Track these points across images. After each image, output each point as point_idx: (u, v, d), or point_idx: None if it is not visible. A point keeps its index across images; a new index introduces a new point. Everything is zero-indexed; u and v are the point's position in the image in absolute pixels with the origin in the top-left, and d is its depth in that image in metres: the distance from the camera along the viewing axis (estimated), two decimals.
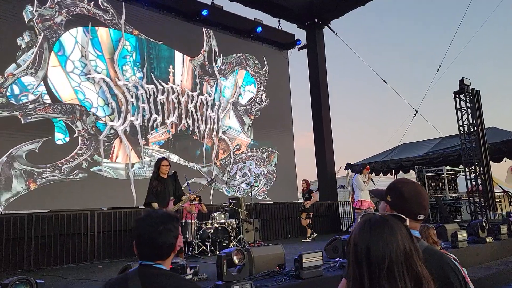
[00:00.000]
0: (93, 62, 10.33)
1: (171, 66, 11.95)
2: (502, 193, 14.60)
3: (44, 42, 9.56)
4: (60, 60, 9.80)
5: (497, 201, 12.97)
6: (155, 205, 6.05)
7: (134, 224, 1.77)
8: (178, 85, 11.95)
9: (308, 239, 10.53)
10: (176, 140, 11.70)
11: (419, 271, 1.18)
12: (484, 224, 7.56)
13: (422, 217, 1.75)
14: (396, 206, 1.74)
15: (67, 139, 9.58)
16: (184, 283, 1.70)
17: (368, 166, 9.49)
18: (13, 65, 9.04)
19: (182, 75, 12.18)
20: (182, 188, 6.99)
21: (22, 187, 8.79)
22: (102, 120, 10.24)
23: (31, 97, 9.17)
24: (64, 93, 9.72)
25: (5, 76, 8.89)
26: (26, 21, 9.35)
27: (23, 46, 9.25)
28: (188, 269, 1.90)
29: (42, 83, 9.37)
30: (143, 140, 10.94)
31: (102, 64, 10.49)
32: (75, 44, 10.08)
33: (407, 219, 1.37)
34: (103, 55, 10.54)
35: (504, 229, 8.05)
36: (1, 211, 8.37)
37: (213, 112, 12.76)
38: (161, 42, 11.80)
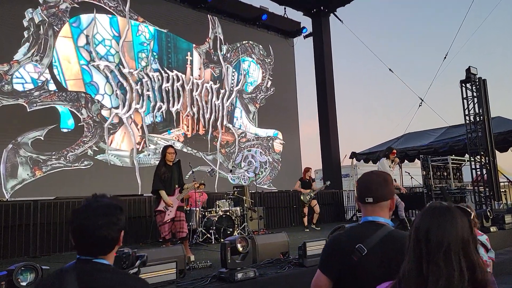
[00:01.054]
0: (98, 48, 10.30)
1: (188, 54, 11.90)
2: (507, 183, 14.53)
3: (49, 29, 9.54)
4: (73, 32, 9.82)
5: (502, 191, 12.92)
6: (163, 192, 6.05)
7: (70, 216, 1.54)
8: (196, 77, 11.93)
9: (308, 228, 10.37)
10: (181, 127, 11.70)
11: (475, 260, 1.28)
12: (488, 214, 7.55)
13: (370, 199, 1.87)
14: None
15: (72, 126, 9.61)
16: (125, 278, 1.51)
17: (394, 150, 8.90)
18: (18, 53, 9.04)
19: (200, 68, 12.20)
20: (187, 177, 7.02)
21: (27, 175, 8.86)
22: (107, 107, 10.25)
23: (36, 85, 9.19)
24: (69, 72, 9.70)
25: (10, 63, 8.89)
26: (31, 8, 9.32)
27: (28, 33, 9.23)
28: (135, 259, 1.82)
29: (47, 70, 9.38)
30: (148, 128, 10.95)
31: (109, 50, 10.46)
32: (91, 21, 10.10)
33: (472, 212, 1.53)
34: (110, 40, 10.51)
35: (508, 218, 8.04)
36: (7, 198, 8.45)
37: (218, 100, 12.73)
38: (166, 30, 11.74)
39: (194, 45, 12.41)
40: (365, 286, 1.70)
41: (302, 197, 10.41)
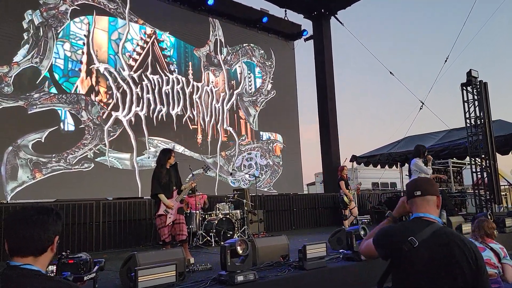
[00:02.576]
0: (98, 51, 10.31)
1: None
2: (507, 186, 14.51)
3: (49, 31, 9.55)
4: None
5: (503, 194, 12.90)
6: (163, 196, 6.04)
7: (6, 219, 1.55)
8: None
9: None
10: (181, 131, 11.70)
11: None
12: (489, 217, 7.51)
13: (418, 192, 2.08)
14: None
15: (72, 129, 9.61)
16: (49, 283, 1.45)
17: (426, 148, 8.45)
18: (18, 54, 9.05)
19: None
20: (187, 179, 7.01)
21: (27, 177, 8.84)
22: (107, 110, 10.25)
23: (36, 87, 9.19)
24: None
25: (10, 65, 8.90)
26: (31, 9, 9.33)
27: (28, 35, 9.24)
28: (92, 265, 1.79)
29: (47, 72, 9.38)
30: (148, 131, 10.94)
31: (106, 54, 10.47)
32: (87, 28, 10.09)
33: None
34: (107, 44, 10.52)
35: (509, 222, 8.01)
36: (7, 200, 8.44)
37: (218, 103, 12.73)
38: (167, 32, 11.75)
39: (194, 47, 12.42)
40: (410, 277, 1.90)
41: (345, 198, 9.44)
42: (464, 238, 1.99)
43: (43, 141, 9.11)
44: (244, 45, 13.89)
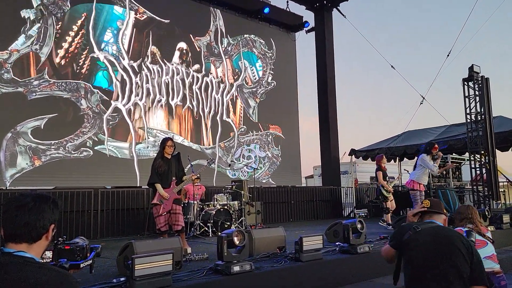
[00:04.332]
0: (98, 39, 10.26)
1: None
2: (506, 183, 14.53)
3: (49, 17, 9.49)
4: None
5: (501, 191, 12.92)
6: (159, 186, 6.05)
7: (4, 205, 1.56)
8: (197, 71, 11.88)
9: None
10: (181, 121, 11.68)
11: None
12: (486, 213, 7.53)
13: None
14: None
15: (72, 116, 9.58)
16: (39, 270, 1.42)
17: (436, 145, 8.14)
18: (18, 41, 8.99)
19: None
20: (186, 170, 6.99)
21: (26, 164, 8.84)
22: (107, 98, 10.21)
23: (36, 74, 9.15)
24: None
25: (10, 51, 8.85)
26: None
27: (28, 21, 9.18)
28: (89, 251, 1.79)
29: (47, 59, 9.33)
30: (147, 120, 10.92)
31: (106, 42, 10.42)
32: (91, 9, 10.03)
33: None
34: (107, 32, 10.45)
35: (506, 218, 8.03)
36: (6, 186, 8.45)
37: (218, 94, 12.69)
38: (168, 21, 11.68)
39: (195, 37, 12.35)
40: (413, 255, 2.50)
41: (383, 190, 8.92)
42: (461, 235, 2.54)
43: (42, 128, 9.09)
44: (245, 35, 13.81)
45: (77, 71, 9.82)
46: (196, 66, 12.25)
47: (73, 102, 9.63)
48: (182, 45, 12.01)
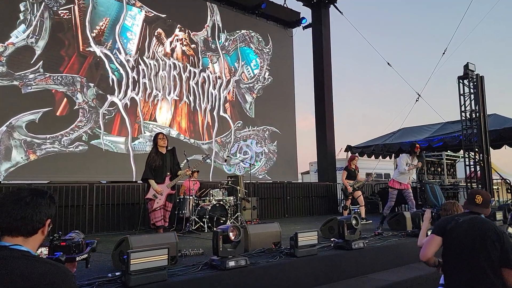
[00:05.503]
0: (94, 33, 10.20)
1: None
2: (500, 180, 14.64)
3: (45, 11, 9.42)
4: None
5: (495, 188, 13.02)
6: (152, 181, 6.07)
7: (0, 198, 1.57)
8: (193, 65, 11.84)
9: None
10: (177, 116, 11.66)
11: None
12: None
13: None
14: None
15: (67, 111, 9.54)
16: (37, 263, 1.43)
17: (417, 145, 8.26)
18: (13, 34, 8.93)
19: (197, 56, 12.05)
20: (182, 165, 6.99)
21: (21, 158, 8.81)
22: (103, 93, 10.17)
23: (31, 67, 9.09)
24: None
25: (5, 45, 8.79)
26: None
27: (24, 15, 9.11)
28: (84, 246, 1.79)
29: (42, 52, 9.27)
30: (144, 115, 10.89)
31: (102, 36, 10.36)
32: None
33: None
34: (104, 26, 10.40)
35: (499, 215, 8.10)
36: (0, 180, 8.42)
37: (215, 89, 12.67)
38: (164, 15, 11.62)
39: (192, 32, 12.31)
40: (452, 243, 2.84)
41: (344, 188, 9.39)
42: (496, 225, 2.89)
43: (37, 122, 9.05)
44: (242, 31, 13.77)
45: (73, 65, 9.76)
46: (193, 61, 12.22)
47: (69, 96, 9.59)
48: (179, 40, 11.96)
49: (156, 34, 11.42)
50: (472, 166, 10.72)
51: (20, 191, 1.56)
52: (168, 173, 6.13)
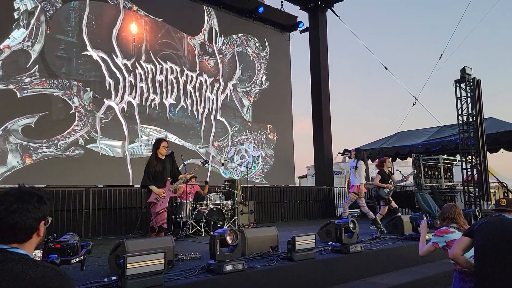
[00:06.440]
0: (91, 37, 10.18)
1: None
2: (496, 184, 14.67)
3: (41, 14, 9.40)
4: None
5: (492, 192, 13.03)
6: (153, 187, 6.10)
7: None
8: (190, 69, 11.83)
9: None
10: (174, 120, 11.63)
11: None
12: (477, 214, 7.60)
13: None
14: None
15: (64, 115, 9.50)
16: (35, 267, 1.42)
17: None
18: (9, 38, 8.90)
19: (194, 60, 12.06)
20: (179, 169, 6.99)
21: (17, 162, 8.76)
22: (99, 97, 10.14)
23: (27, 71, 9.06)
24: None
25: (1, 48, 8.76)
26: None
27: (20, 18, 9.09)
28: (80, 248, 1.76)
29: (38, 56, 9.25)
30: (141, 119, 10.86)
31: (99, 40, 10.34)
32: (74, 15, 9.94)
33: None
34: (100, 30, 10.38)
35: None
36: None
37: (212, 93, 12.66)
38: (161, 19, 11.63)
39: (189, 36, 12.31)
40: (480, 243, 2.87)
41: (379, 192, 8.90)
42: None
43: (33, 126, 9.01)
44: (239, 35, 13.79)
45: (69, 68, 9.74)
46: (190, 65, 12.21)
47: (65, 100, 9.56)
48: (176, 43, 11.96)
49: (153, 38, 11.41)
50: (469, 170, 10.73)
51: (5, 198, 1.49)
52: (169, 178, 6.15)
